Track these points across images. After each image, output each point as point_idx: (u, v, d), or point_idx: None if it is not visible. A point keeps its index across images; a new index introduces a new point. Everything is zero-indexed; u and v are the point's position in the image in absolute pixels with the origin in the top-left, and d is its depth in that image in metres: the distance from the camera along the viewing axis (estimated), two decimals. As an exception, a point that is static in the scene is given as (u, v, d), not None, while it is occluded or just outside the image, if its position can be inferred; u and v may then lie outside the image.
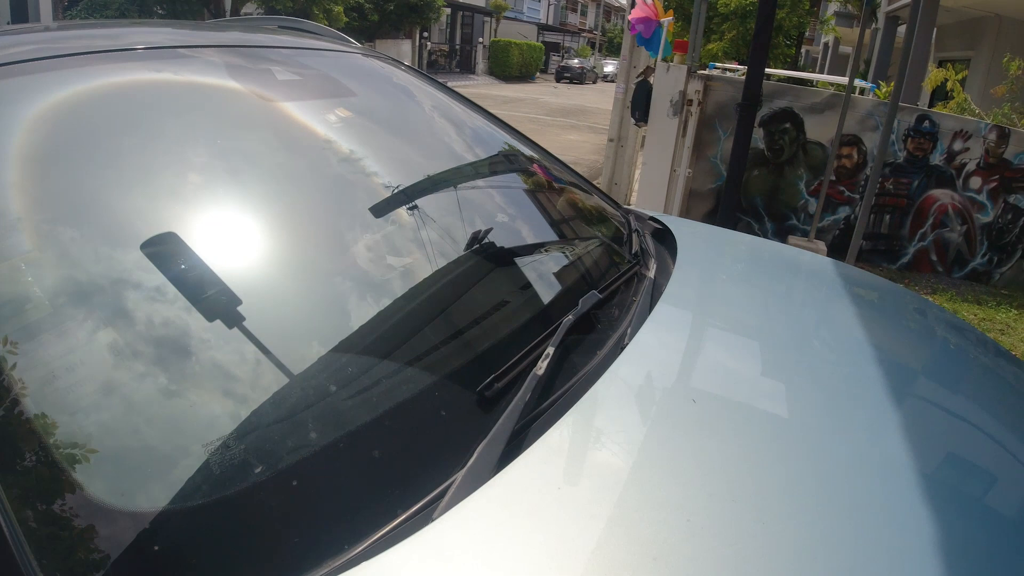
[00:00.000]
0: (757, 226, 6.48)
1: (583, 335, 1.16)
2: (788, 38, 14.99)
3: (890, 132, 4.44)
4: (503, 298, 1.23)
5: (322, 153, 1.32)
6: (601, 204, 1.91)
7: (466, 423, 0.90)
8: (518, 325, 1.14)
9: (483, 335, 1.09)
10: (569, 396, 0.97)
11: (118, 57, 1.24)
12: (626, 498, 0.78)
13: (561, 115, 18.47)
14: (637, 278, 1.50)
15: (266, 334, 0.87)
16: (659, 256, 1.71)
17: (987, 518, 0.97)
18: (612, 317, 1.28)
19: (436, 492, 0.78)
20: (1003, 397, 1.46)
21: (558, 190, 1.85)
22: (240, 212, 1.06)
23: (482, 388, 0.93)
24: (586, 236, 1.69)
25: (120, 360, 0.77)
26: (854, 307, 1.56)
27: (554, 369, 1.01)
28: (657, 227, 2.02)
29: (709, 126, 6.04)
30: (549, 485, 0.77)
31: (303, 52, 1.75)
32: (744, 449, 0.92)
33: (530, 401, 0.92)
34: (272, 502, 0.75)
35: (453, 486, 0.78)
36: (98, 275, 0.84)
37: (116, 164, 1.00)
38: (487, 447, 0.83)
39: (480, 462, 0.81)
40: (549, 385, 0.99)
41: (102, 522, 0.66)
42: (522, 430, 0.90)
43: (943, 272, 6.33)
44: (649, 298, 1.37)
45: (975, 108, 6.73)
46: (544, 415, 0.93)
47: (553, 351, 1.01)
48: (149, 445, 0.74)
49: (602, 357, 1.09)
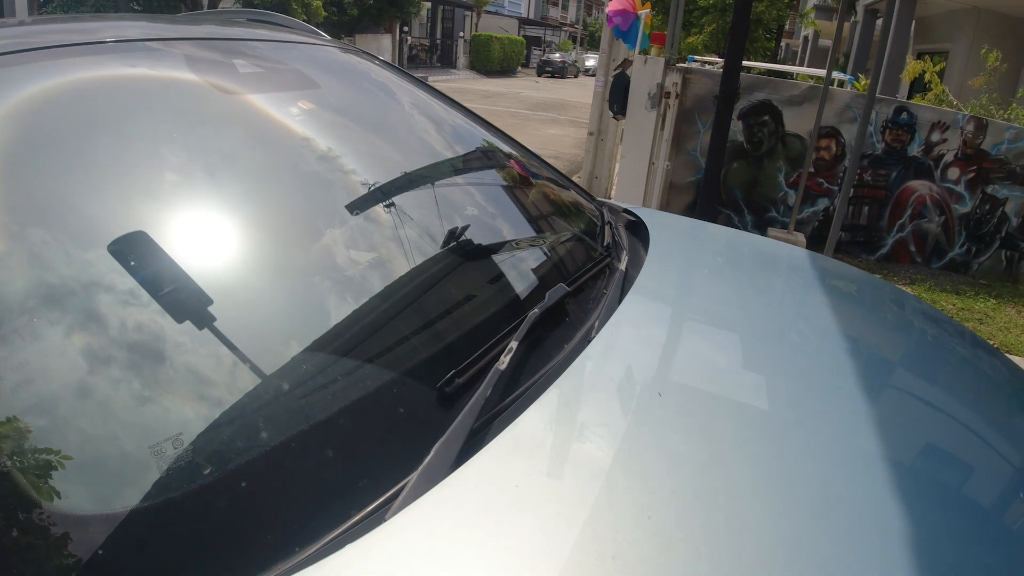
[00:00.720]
0: (737, 218, 6.50)
1: (550, 329, 1.14)
2: (768, 31, 15.03)
3: (867, 123, 4.46)
4: (469, 293, 1.20)
5: (287, 145, 1.28)
6: (574, 197, 1.88)
7: (425, 421, 0.87)
8: (482, 320, 1.11)
9: (447, 330, 1.06)
10: (532, 392, 0.95)
11: (85, 51, 1.21)
12: (585, 495, 0.76)
13: (542, 109, 18.44)
14: (608, 270, 1.48)
15: (216, 330, 0.84)
16: (631, 248, 1.69)
17: (965, 509, 0.95)
18: (580, 310, 1.25)
19: (390, 493, 0.76)
20: (979, 387, 1.45)
21: (530, 184, 1.83)
22: (197, 205, 1.02)
23: (442, 384, 0.91)
24: (557, 229, 1.67)
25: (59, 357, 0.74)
26: (826, 297, 1.55)
27: (518, 364, 0.99)
28: (631, 219, 2.00)
29: (689, 119, 6.04)
30: (506, 483, 0.75)
31: (273, 45, 1.71)
32: (710, 443, 0.90)
33: (491, 397, 0.90)
34: (220, 504, 0.72)
35: (408, 486, 0.75)
36: (61, 274, 0.81)
37: (83, 160, 0.97)
38: (444, 445, 0.80)
39: (436, 461, 0.78)
40: (513, 380, 0.97)
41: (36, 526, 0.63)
42: (483, 427, 0.87)
43: (922, 263, 6.38)
44: (619, 291, 1.35)
45: (953, 99, 6.78)
46: (506, 411, 0.91)
47: (516, 345, 0.99)
48: (90, 446, 0.71)
49: (568, 351, 1.07)
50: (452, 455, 0.79)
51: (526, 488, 0.75)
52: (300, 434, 0.79)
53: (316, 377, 0.86)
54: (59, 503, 0.66)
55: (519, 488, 0.74)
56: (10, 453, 0.66)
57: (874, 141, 6.07)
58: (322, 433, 0.81)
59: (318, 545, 0.69)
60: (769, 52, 15.30)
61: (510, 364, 0.96)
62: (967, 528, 0.90)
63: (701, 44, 13.48)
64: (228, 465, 0.73)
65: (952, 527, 0.88)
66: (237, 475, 0.73)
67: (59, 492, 0.67)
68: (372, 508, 0.74)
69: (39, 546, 0.64)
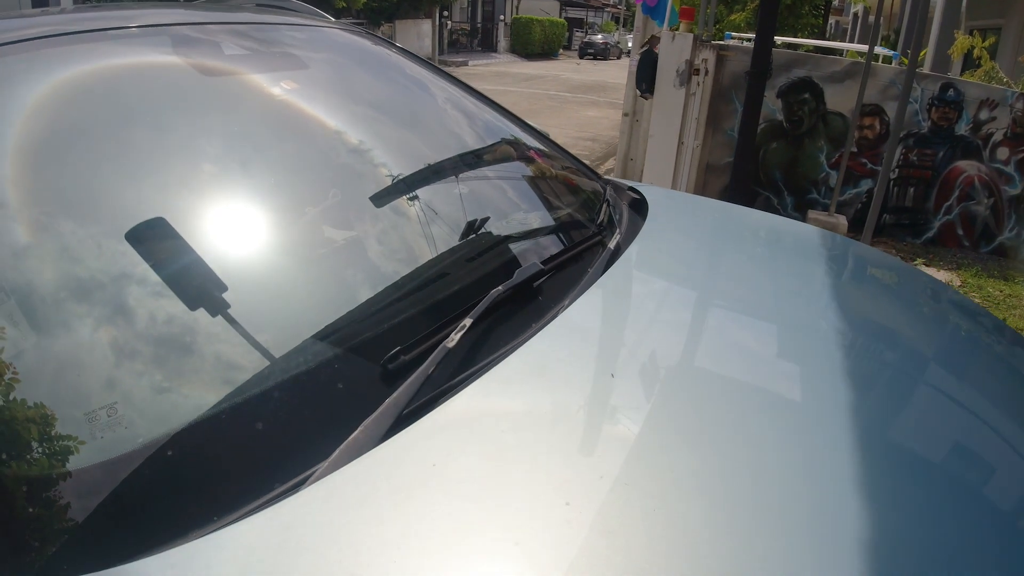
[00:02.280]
0: (776, 200, 6.32)
1: (517, 309, 1.11)
2: (815, 8, 14.56)
3: (907, 100, 4.27)
4: (442, 270, 1.18)
5: (270, 122, 1.29)
6: (574, 174, 1.84)
7: (363, 397, 0.85)
8: (445, 296, 1.09)
9: (405, 306, 1.04)
10: (480, 372, 0.92)
11: (106, 37, 1.24)
12: (499, 478, 0.73)
13: (581, 91, 18.25)
14: (595, 249, 1.44)
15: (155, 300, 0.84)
16: (628, 227, 1.65)
17: (987, 506, 0.91)
18: (557, 290, 1.22)
19: (314, 468, 0.74)
20: (1009, 384, 1.35)
21: (529, 161, 1.79)
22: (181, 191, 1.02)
23: (386, 360, 0.89)
24: (549, 207, 1.63)
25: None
26: (819, 276, 1.48)
27: (474, 343, 0.96)
28: (635, 197, 1.95)
29: (725, 98, 5.88)
30: (424, 462, 0.73)
31: (278, 28, 1.72)
32: (655, 428, 0.86)
33: (435, 375, 0.87)
34: (144, 471, 0.72)
35: (328, 460, 0.74)
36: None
37: (94, 149, 0.99)
38: (374, 422, 0.79)
39: (362, 436, 0.77)
40: (467, 360, 0.95)
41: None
42: (424, 407, 0.85)
43: (969, 246, 6.13)
44: (601, 270, 1.31)
45: (1003, 76, 6.47)
46: (451, 391, 0.88)
47: (471, 323, 0.96)
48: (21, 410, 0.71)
49: (528, 331, 1.04)
50: (380, 432, 0.77)
51: (441, 467, 0.72)
52: (233, 407, 0.79)
53: (260, 349, 0.86)
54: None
55: (435, 467, 0.72)
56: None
57: (919, 119, 5.83)
58: (256, 405, 0.80)
59: (235, 516, 0.68)
60: (817, 29, 14.82)
61: (461, 342, 0.93)
62: (993, 524, 0.86)
63: (744, 21, 13.12)
64: (155, 431, 0.73)
65: (977, 524, 0.84)
66: (165, 442, 0.73)
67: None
68: (291, 483, 0.72)
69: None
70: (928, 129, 5.88)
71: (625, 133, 7.17)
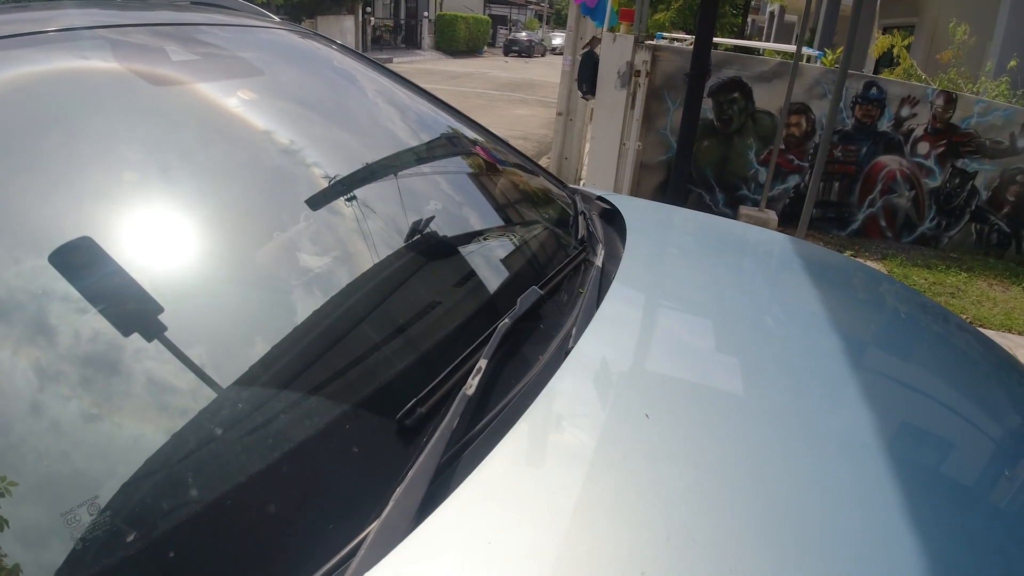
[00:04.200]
0: (708, 197, 6.44)
1: (522, 340, 1.03)
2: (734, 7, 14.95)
3: (840, 99, 4.39)
4: (431, 301, 1.08)
5: (234, 137, 1.16)
6: (544, 185, 1.77)
7: (383, 461, 0.76)
8: (446, 334, 1.00)
9: (405, 349, 0.95)
10: (504, 419, 0.84)
11: (25, 42, 1.08)
12: (564, 552, 0.65)
13: (509, 89, 18.21)
14: (583, 267, 1.38)
15: (134, 366, 0.72)
16: (607, 241, 1.59)
17: (951, 487, 0.92)
18: (554, 315, 1.15)
19: (344, 552, 0.65)
20: (956, 364, 1.40)
21: (496, 172, 1.71)
22: (129, 204, 0.89)
23: (402, 415, 0.80)
24: (527, 222, 1.56)
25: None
26: (824, 291, 1.46)
27: (487, 385, 0.88)
28: (605, 207, 1.90)
29: (658, 97, 5.94)
30: (477, 538, 0.64)
31: (221, 29, 1.58)
32: (706, 474, 0.80)
33: (458, 428, 0.79)
34: None
35: (365, 544, 0.65)
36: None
37: (24, 161, 0.85)
38: (405, 492, 0.69)
39: (396, 512, 0.67)
40: (482, 405, 0.86)
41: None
42: (449, 464, 0.77)
43: (892, 237, 6.37)
44: (596, 290, 1.25)
45: (921, 74, 6.75)
46: (474, 444, 0.80)
47: (486, 364, 0.88)
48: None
49: (542, 367, 0.96)
50: (415, 504, 0.68)
51: (498, 545, 0.64)
52: (237, 488, 0.68)
53: (254, 415, 0.74)
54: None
55: (491, 545, 0.64)
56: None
57: (844, 117, 6.03)
58: (262, 484, 0.69)
59: None
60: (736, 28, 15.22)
61: (479, 387, 0.85)
62: (952, 505, 0.87)
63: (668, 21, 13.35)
64: (154, 532, 0.62)
65: (937, 505, 0.85)
66: (164, 543, 0.62)
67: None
68: (323, 573, 0.63)
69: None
70: (852, 126, 6.09)
71: (560, 132, 7.15)
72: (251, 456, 0.71)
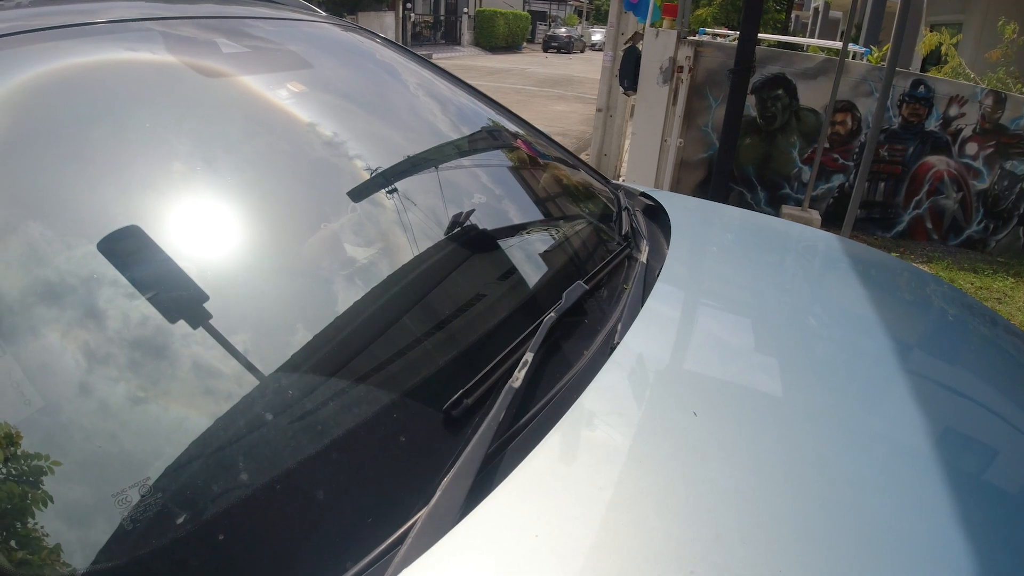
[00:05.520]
0: (750, 195, 6.34)
1: (567, 334, 1.03)
2: (778, 3, 14.69)
3: (887, 97, 4.28)
4: (476, 294, 1.08)
5: (280, 131, 1.17)
6: (587, 180, 1.76)
7: (430, 451, 0.76)
8: (491, 326, 1.00)
9: (452, 341, 0.95)
10: (550, 412, 0.84)
11: (76, 33, 1.11)
12: (617, 545, 0.65)
13: (548, 85, 18.16)
14: (628, 262, 1.37)
15: (183, 352, 0.73)
16: (651, 237, 1.58)
17: (996, 495, 0.90)
18: (599, 310, 1.14)
19: (391, 540, 0.65)
20: (1005, 369, 1.36)
21: (540, 166, 1.71)
22: (181, 196, 0.91)
23: (448, 407, 0.80)
24: (571, 217, 1.55)
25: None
26: (874, 292, 1.43)
27: (533, 379, 0.88)
28: (649, 204, 1.88)
29: (700, 94, 5.86)
30: (525, 531, 0.64)
31: (267, 22, 1.59)
32: (756, 473, 0.79)
33: (504, 420, 0.79)
34: (193, 561, 0.62)
35: (412, 533, 0.65)
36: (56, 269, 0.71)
37: (75, 151, 0.87)
38: (453, 481, 0.70)
39: (445, 500, 0.68)
40: (528, 398, 0.86)
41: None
42: (495, 455, 0.77)
43: (938, 240, 6.21)
44: (641, 287, 1.24)
45: (970, 73, 6.57)
46: (520, 436, 0.80)
47: (532, 357, 0.88)
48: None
49: (588, 362, 0.96)
50: (462, 494, 0.69)
51: (545, 538, 0.64)
52: (285, 474, 0.68)
53: (301, 403, 0.75)
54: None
55: (538, 538, 0.64)
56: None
57: (891, 115, 5.89)
58: (311, 471, 0.70)
59: None
60: (780, 24, 14.96)
61: (525, 380, 0.85)
62: (998, 510, 0.85)
63: (710, 16, 13.16)
64: (204, 514, 0.63)
65: (983, 510, 0.82)
66: (214, 526, 0.63)
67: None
68: (370, 559, 0.63)
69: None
70: (899, 125, 5.94)
71: (599, 129, 7.12)
72: (300, 442, 0.71)
